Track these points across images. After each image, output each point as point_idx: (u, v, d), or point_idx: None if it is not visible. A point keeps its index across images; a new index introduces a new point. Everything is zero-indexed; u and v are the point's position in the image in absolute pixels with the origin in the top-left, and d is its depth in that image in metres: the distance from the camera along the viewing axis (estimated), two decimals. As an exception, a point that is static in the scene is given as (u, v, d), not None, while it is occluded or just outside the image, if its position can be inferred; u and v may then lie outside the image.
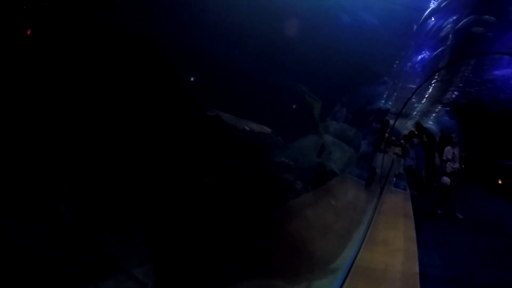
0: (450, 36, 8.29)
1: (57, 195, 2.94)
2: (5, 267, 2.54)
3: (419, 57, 9.33)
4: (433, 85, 12.33)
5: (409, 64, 9.46)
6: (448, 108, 17.68)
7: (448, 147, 8.09)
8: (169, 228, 3.55)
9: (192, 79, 4.14)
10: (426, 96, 14.07)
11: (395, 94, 11.16)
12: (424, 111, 19.07)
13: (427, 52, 9.17)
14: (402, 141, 13.52)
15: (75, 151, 3.11)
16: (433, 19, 7.93)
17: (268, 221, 4.38)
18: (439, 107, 17.43)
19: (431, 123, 23.74)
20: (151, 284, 3.28)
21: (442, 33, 8.27)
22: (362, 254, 4.46)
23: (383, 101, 11.04)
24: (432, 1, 7.54)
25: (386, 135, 11.35)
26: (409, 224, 6.19)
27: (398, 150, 12.21)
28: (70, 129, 3.12)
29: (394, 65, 9.05)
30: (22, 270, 2.63)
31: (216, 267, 3.62)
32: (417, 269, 4.01)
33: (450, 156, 7.94)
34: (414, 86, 9.35)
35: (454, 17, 7.64)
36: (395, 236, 5.31)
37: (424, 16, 7.77)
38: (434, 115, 21.25)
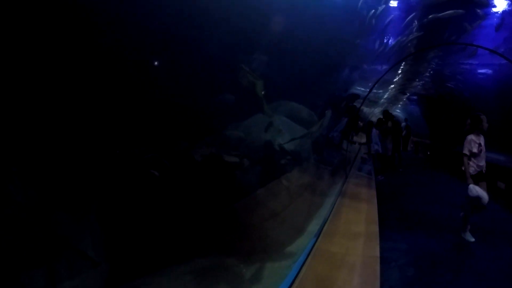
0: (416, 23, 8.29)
1: (6, 177, 2.95)
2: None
3: (388, 42, 9.42)
4: (400, 73, 12.66)
5: (377, 49, 9.58)
6: (414, 97, 18.29)
7: (471, 136, 5.14)
8: (122, 208, 3.62)
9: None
10: (393, 84, 14.47)
11: (359, 81, 11.40)
12: (392, 99, 19.66)
13: (394, 38, 9.26)
14: (362, 124, 14.09)
15: (24, 132, 3.11)
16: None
17: (218, 199, 4.47)
18: (407, 95, 18.01)
19: (398, 111, 24.54)
20: (104, 263, 3.35)
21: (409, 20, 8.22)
22: (323, 238, 4.46)
23: (349, 87, 11.27)
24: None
25: (353, 121, 11.78)
26: (372, 207, 6.23)
27: (364, 138, 12.81)
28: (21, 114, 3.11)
29: (358, 51, 9.11)
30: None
31: (169, 245, 3.73)
32: (378, 253, 4.04)
33: (475, 150, 5.08)
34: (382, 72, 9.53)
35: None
36: (357, 220, 5.36)
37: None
38: (401, 103, 21.95)
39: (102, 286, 3.27)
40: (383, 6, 7.66)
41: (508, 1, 6.89)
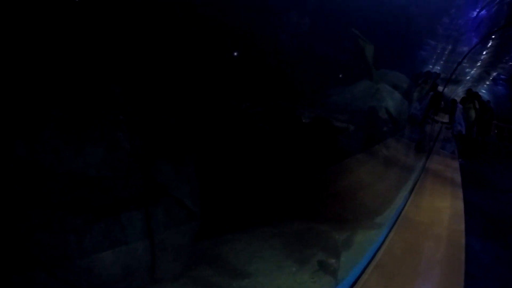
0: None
1: (115, 124, 3.05)
2: (62, 187, 2.80)
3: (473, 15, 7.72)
4: (487, 49, 10.48)
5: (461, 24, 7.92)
6: (503, 77, 15.01)
7: None
8: (221, 161, 3.62)
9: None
10: (479, 62, 12.04)
11: (443, 58, 9.74)
12: (476, 78, 16.47)
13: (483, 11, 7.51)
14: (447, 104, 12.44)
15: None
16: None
17: (317, 164, 4.32)
18: (494, 74, 14.90)
19: (484, 91, 20.20)
20: (199, 213, 3.46)
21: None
22: (409, 207, 4.45)
23: (430, 66, 9.81)
24: None
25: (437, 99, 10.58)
26: (456, 183, 6.04)
27: (446, 118, 11.61)
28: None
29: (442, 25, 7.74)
30: (79, 191, 2.88)
31: (263, 205, 3.71)
32: (463, 226, 4.02)
33: None
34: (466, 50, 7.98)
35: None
36: (442, 193, 5.24)
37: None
38: (486, 84, 18.28)
39: (194, 235, 3.42)
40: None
41: None
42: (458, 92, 18.01)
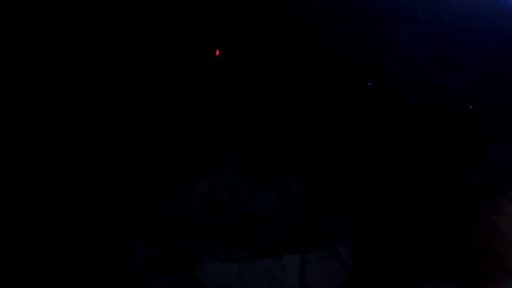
0: None
1: (287, 170, 3.22)
2: (234, 222, 3.05)
3: None
4: None
5: None
6: None
7: None
8: (377, 214, 3.54)
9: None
10: None
11: None
12: None
13: None
14: None
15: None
16: None
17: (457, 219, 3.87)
18: None
19: None
20: (351, 265, 3.43)
21: None
22: None
23: None
24: None
25: None
26: None
27: None
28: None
29: None
30: (248, 227, 3.10)
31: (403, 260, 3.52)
32: None
33: None
34: None
35: None
36: None
37: None
38: None
39: (343, 284, 3.40)
40: None
41: None
42: None
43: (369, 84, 3.45)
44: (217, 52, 3.40)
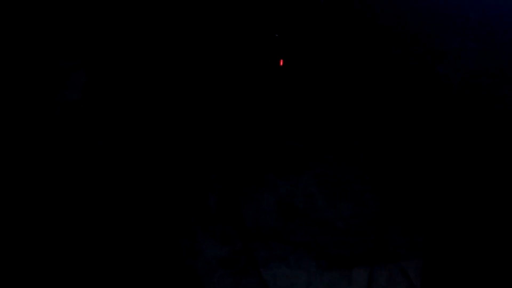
0: None
1: (364, 182, 3.15)
2: (308, 230, 3.01)
3: None
4: None
5: None
6: None
7: None
8: (451, 236, 3.44)
9: None
10: None
11: None
12: None
13: None
14: None
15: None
16: None
17: None
18: None
19: None
20: (419, 286, 3.36)
21: None
22: None
23: None
24: None
25: None
26: None
27: None
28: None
29: None
30: (321, 237, 3.06)
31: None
32: None
33: None
34: None
35: None
36: None
37: None
38: None
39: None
40: None
41: None
42: None
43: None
44: (281, 62, 3.36)
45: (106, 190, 3.02)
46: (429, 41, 3.55)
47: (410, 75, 3.48)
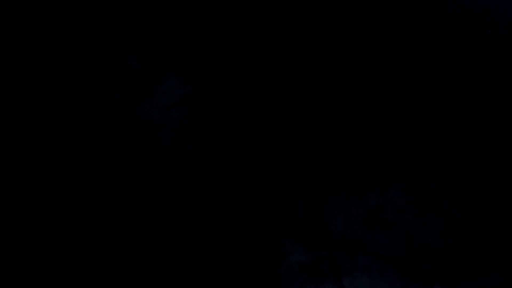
0: None
1: (451, 198, 3.14)
2: (395, 246, 3.00)
3: None
4: None
5: None
6: None
7: None
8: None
9: None
10: None
11: None
12: None
13: None
14: None
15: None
16: None
17: None
18: None
19: None
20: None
21: None
22: None
23: None
24: None
25: None
26: None
27: None
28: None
29: None
30: (407, 252, 3.06)
31: None
32: None
33: None
34: None
35: None
36: None
37: None
38: None
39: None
40: None
41: None
42: None
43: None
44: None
45: (195, 194, 3.09)
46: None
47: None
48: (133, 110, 2.94)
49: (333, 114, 3.42)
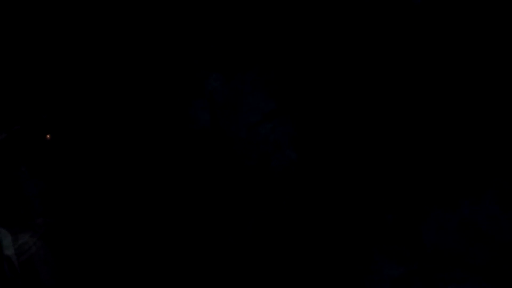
0: None
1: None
2: (489, 257, 2.93)
3: None
4: None
5: None
6: None
7: None
8: None
9: None
10: None
11: None
12: None
13: None
14: None
15: None
16: None
17: None
18: None
19: None
20: None
21: None
22: None
23: None
24: None
25: None
26: None
27: None
28: None
29: None
30: (501, 264, 2.97)
31: None
32: None
33: None
34: None
35: None
36: None
37: None
38: None
39: None
40: None
41: None
42: None
43: None
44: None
45: (285, 212, 3.07)
46: None
47: None
48: (221, 130, 2.94)
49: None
